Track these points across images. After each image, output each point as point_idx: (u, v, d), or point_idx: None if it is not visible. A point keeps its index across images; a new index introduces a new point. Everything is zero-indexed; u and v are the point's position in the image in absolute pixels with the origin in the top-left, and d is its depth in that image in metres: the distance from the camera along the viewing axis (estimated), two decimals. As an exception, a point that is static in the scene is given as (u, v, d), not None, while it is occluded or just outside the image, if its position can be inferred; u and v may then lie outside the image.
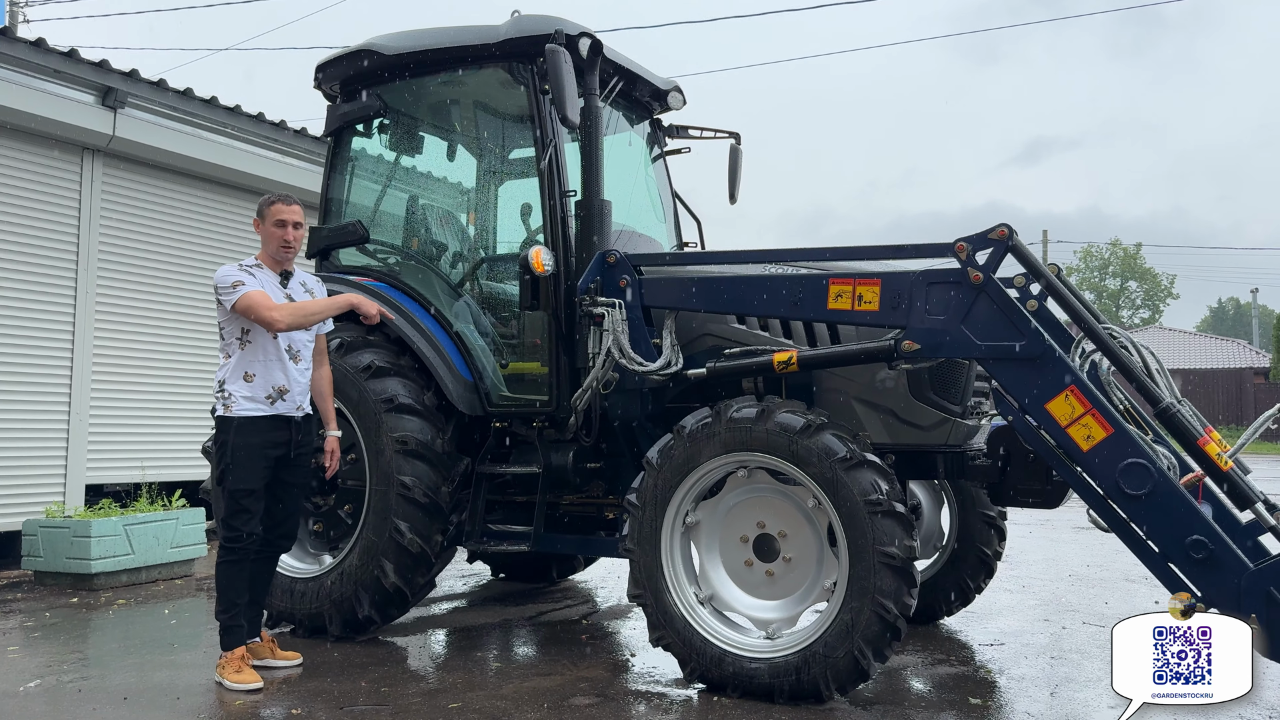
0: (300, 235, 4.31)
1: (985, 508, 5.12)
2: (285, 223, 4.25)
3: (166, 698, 3.95)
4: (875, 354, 4.01)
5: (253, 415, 4.13)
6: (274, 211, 4.27)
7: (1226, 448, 3.66)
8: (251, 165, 8.35)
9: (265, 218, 4.28)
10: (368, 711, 3.75)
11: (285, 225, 4.25)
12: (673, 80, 5.73)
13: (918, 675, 4.38)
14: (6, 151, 6.97)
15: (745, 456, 3.97)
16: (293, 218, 4.28)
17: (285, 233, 4.25)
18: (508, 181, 5.67)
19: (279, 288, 4.26)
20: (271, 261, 4.30)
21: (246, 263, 4.28)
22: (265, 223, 4.28)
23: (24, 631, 5.19)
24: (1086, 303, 4.01)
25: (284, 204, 4.29)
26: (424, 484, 4.68)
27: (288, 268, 4.32)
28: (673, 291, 4.46)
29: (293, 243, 4.28)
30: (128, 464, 7.65)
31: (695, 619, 4.01)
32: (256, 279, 4.18)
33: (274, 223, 4.26)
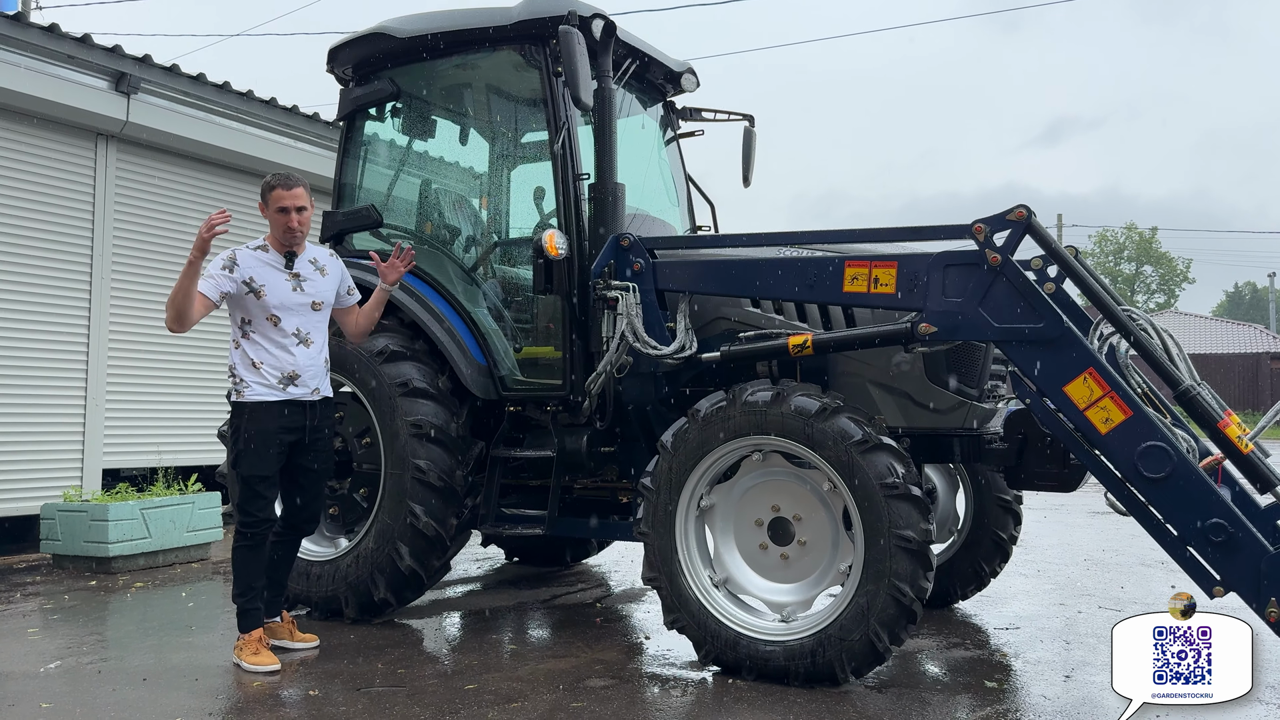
0: (305, 218, 4.17)
1: (1001, 491, 5.10)
2: (287, 209, 4.13)
3: (185, 679, 3.98)
4: (891, 337, 3.99)
5: (265, 400, 4.10)
6: (275, 198, 4.15)
7: (1246, 430, 3.62)
8: (264, 150, 8.36)
9: (267, 203, 4.17)
10: (384, 693, 3.78)
11: (288, 212, 4.13)
12: (686, 62, 5.69)
13: (933, 659, 4.38)
14: (21, 138, 6.99)
15: (760, 440, 3.96)
16: (294, 203, 4.13)
17: (288, 219, 4.13)
18: (521, 165, 5.65)
19: (283, 270, 4.17)
20: (277, 243, 4.20)
21: (253, 245, 4.20)
22: (268, 208, 4.17)
23: (43, 614, 5.24)
24: (1105, 285, 3.96)
25: (284, 189, 4.14)
26: (439, 468, 4.69)
27: (294, 250, 4.21)
28: (687, 275, 4.44)
29: (297, 228, 4.15)
30: (144, 449, 7.70)
31: (710, 602, 4.01)
32: (221, 275, 4.03)
33: (276, 209, 4.15)
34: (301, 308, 4.18)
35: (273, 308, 4.11)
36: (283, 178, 4.21)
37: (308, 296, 4.21)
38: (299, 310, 4.17)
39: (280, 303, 4.12)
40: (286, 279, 4.17)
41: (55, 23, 7.02)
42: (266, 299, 4.10)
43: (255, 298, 4.09)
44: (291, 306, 4.15)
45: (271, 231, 4.22)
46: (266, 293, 4.10)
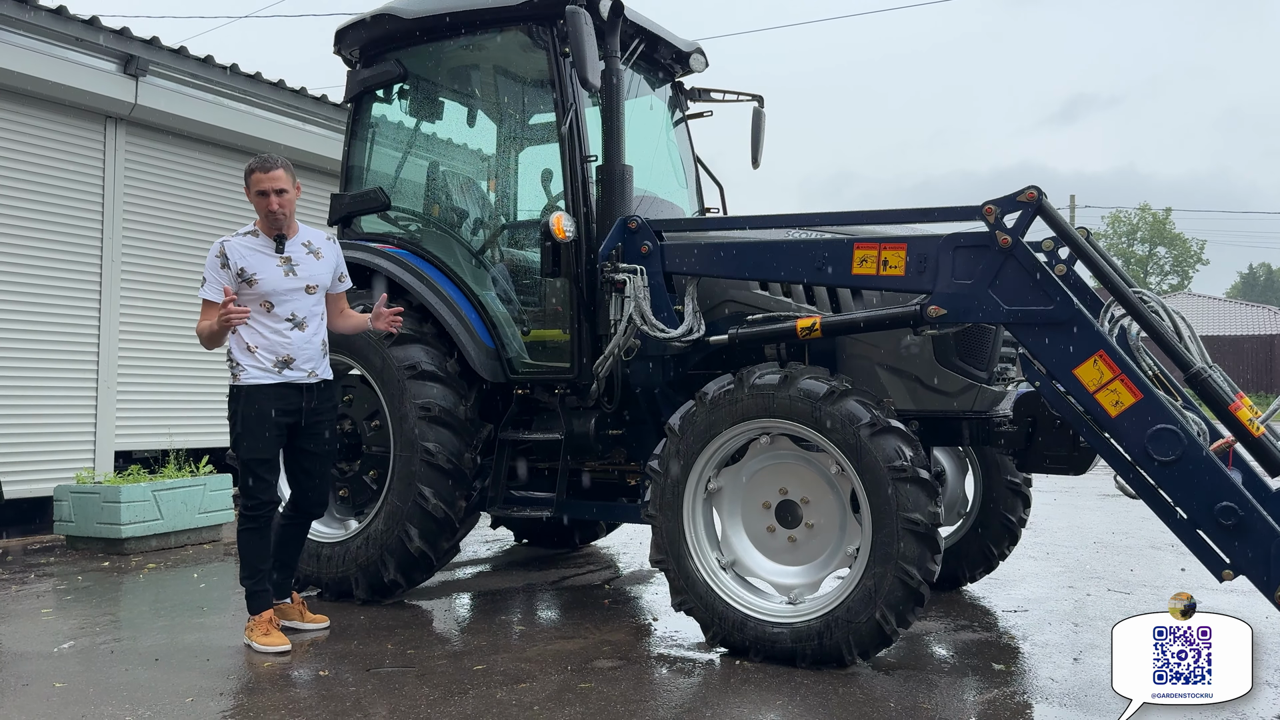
0: (286, 200, 4.11)
1: (1010, 474, 5.09)
2: (266, 193, 4.08)
3: (196, 659, 4.02)
4: (901, 319, 3.97)
5: (260, 383, 4.10)
6: (253, 182, 4.11)
7: (1258, 413, 3.60)
8: (272, 132, 8.34)
9: (248, 188, 4.14)
10: (394, 673, 3.80)
11: (267, 195, 4.08)
12: (695, 42, 5.65)
13: (940, 641, 4.38)
14: (30, 121, 7.00)
15: (767, 423, 3.95)
16: (273, 185, 4.07)
17: (268, 202, 4.09)
18: (528, 147, 5.63)
19: (273, 255, 4.14)
20: (265, 227, 4.17)
21: (242, 231, 4.17)
22: (250, 193, 4.15)
23: (57, 594, 5.29)
24: (1116, 267, 3.93)
25: (261, 172, 4.09)
26: (447, 450, 4.70)
27: (282, 232, 4.17)
28: (695, 257, 4.42)
29: (277, 210, 4.10)
30: (156, 431, 7.74)
31: (717, 584, 4.02)
32: (221, 276, 4.03)
33: (256, 193, 4.12)
34: (295, 292, 4.16)
35: (266, 294, 4.10)
36: (261, 160, 4.17)
37: (300, 280, 4.18)
38: (292, 295, 4.15)
39: (273, 289, 4.11)
40: (278, 264, 4.14)
41: (63, 4, 7.01)
42: (259, 286, 4.08)
43: (248, 286, 4.07)
44: (284, 291, 4.13)
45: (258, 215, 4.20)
46: (259, 280, 4.08)
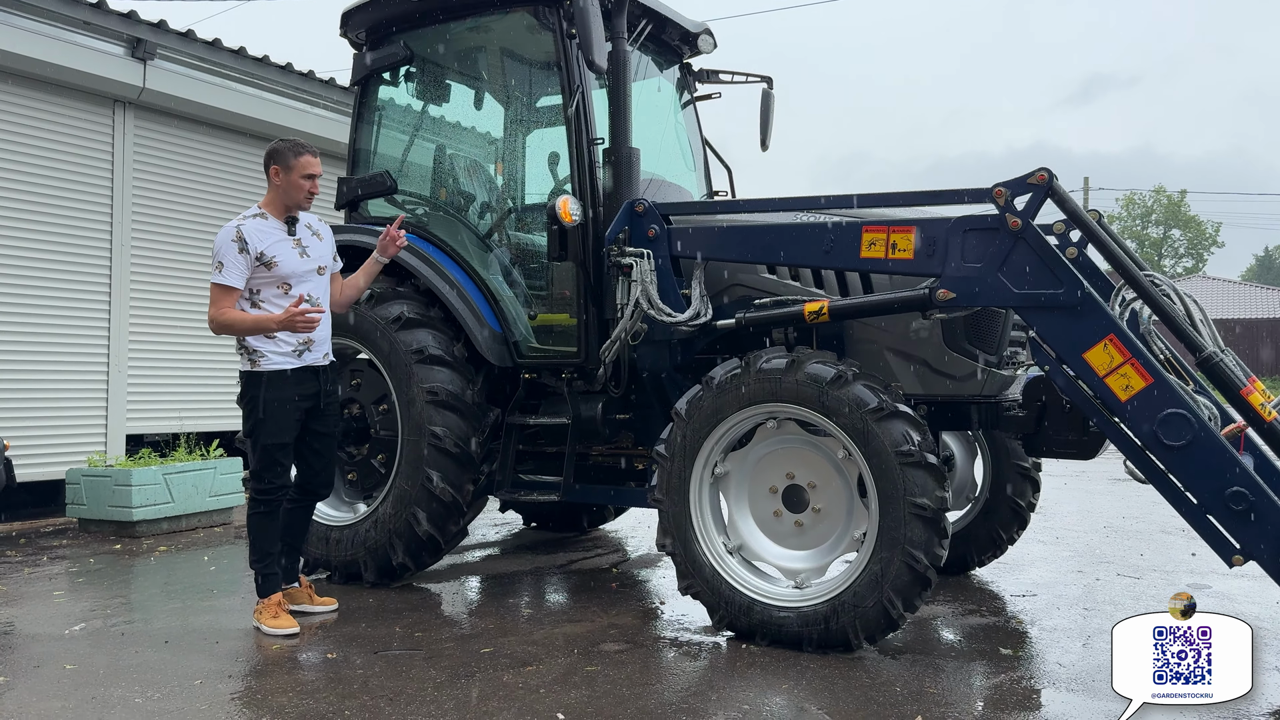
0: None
1: (1019, 459, 5.06)
2: (314, 176, 4.16)
3: (206, 641, 4.04)
4: (909, 303, 3.94)
5: (283, 369, 4.12)
6: (303, 164, 4.12)
7: (1270, 398, 3.57)
8: (280, 115, 8.32)
9: (293, 169, 4.12)
10: (402, 656, 3.82)
11: (313, 179, 4.16)
12: (703, 23, 5.60)
13: (948, 625, 4.38)
14: (39, 105, 7.00)
15: (774, 408, 3.93)
16: (319, 171, 4.19)
17: (313, 185, 4.17)
18: (535, 130, 5.60)
19: (287, 237, 4.15)
20: (280, 209, 4.17)
21: (250, 213, 4.15)
22: (292, 173, 4.13)
23: (69, 577, 5.33)
24: (1128, 250, 3.89)
25: (312, 155, 4.18)
26: (455, 434, 4.71)
27: (295, 215, 4.20)
28: (702, 241, 4.40)
29: (315, 193, 4.20)
30: (166, 414, 7.78)
31: (724, 568, 4.02)
32: (240, 261, 4.00)
33: (303, 175, 4.13)
34: (309, 274, 4.18)
35: (284, 276, 4.10)
36: (302, 144, 4.21)
37: (313, 261, 4.21)
38: (307, 276, 4.17)
39: (291, 270, 4.12)
40: (292, 245, 4.16)
41: (71, -12, 6.99)
42: (279, 269, 4.09)
43: (267, 269, 4.07)
44: (300, 273, 4.15)
45: (280, 196, 4.17)
46: (279, 262, 4.09)
